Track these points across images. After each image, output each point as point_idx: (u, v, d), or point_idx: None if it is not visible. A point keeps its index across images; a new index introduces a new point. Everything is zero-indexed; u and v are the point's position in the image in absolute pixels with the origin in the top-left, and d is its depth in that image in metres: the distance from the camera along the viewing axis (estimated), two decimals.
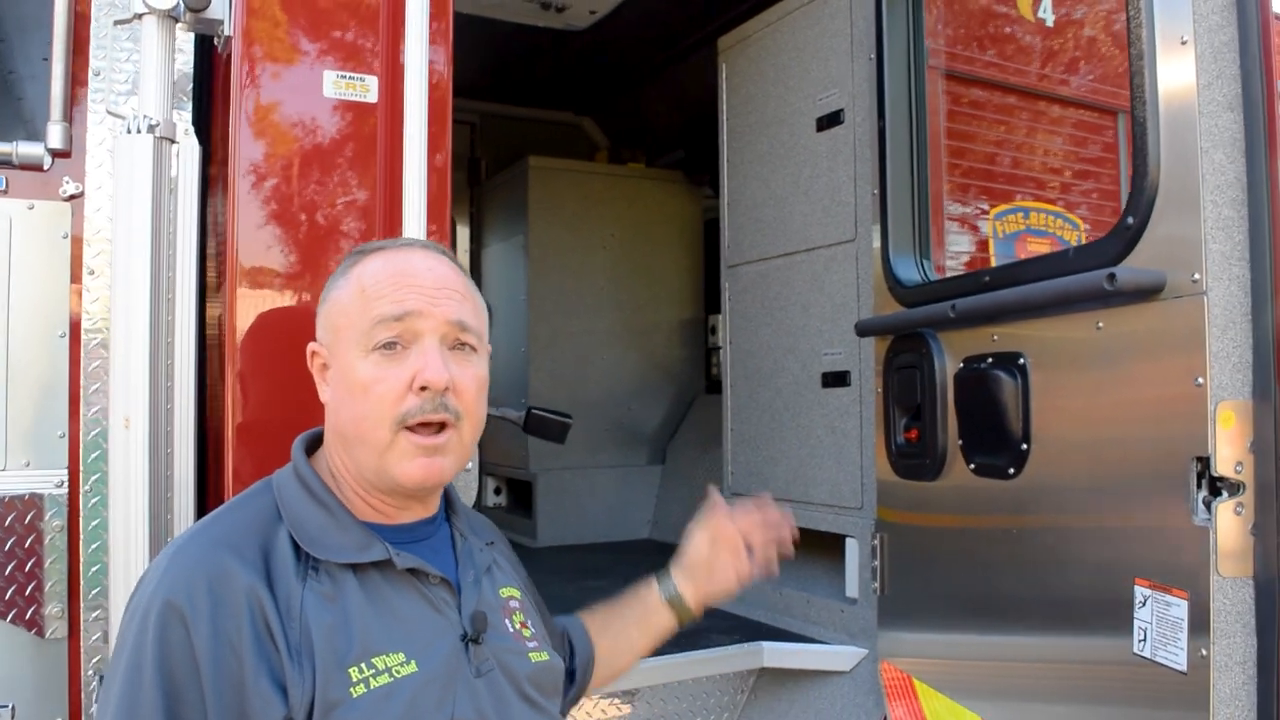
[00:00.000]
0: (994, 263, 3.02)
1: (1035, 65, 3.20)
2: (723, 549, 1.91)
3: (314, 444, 1.59)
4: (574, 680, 1.88)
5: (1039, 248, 3.08)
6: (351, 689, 1.33)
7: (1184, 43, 1.74)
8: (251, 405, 2.09)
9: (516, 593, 1.66)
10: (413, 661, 1.40)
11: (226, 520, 1.46)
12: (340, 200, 2.18)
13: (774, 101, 3.41)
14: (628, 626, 1.91)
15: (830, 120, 3.14)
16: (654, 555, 4.94)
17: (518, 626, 1.60)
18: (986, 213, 3.04)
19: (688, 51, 4.65)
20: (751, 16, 3.56)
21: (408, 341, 1.44)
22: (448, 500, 1.65)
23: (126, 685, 1.29)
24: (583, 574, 4.13)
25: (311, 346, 1.57)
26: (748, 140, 3.55)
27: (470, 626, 1.49)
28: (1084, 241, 3.22)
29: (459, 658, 1.46)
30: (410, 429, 1.43)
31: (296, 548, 1.41)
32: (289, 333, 2.13)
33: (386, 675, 1.37)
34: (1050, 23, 3.13)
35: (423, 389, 1.42)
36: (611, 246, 5.23)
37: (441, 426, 1.45)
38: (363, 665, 1.36)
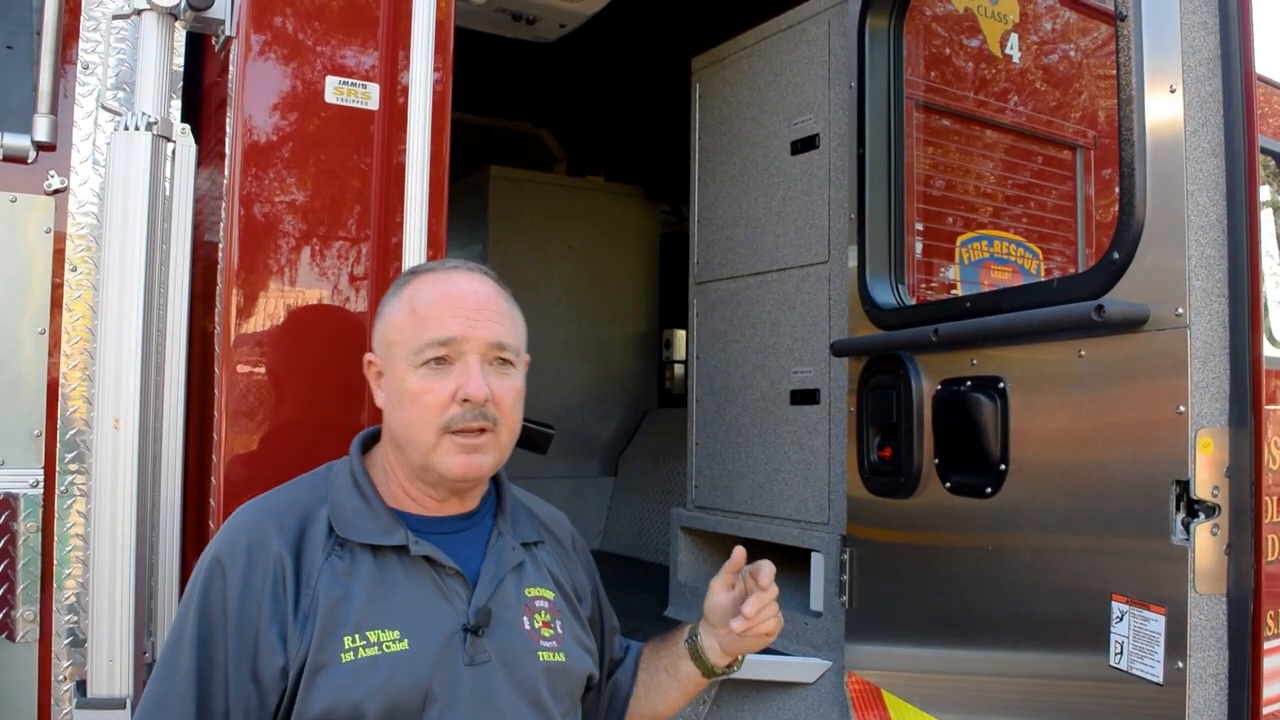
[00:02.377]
0: (960, 287, 3.13)
1: (1002, 100, 3.34)
2: (740, 597, 1.88)
3: (370, 440, 1.79)
4: (604, 693, 1.93)
5: (1001, 275, 3.20)
6: (342, 654, 1.51)
7: (1172, 91, 1.86)
8: (245, 407, 2.07)
9: (548, 594, 1.75)
10: (405, 640, 1.55)
11: (282, 495, 1.69)
12: (337, 204, 2.18)
13: (748, 123, 3.48)
14: (659, 671, 1.96)
15: (805, 144, 3.22)
16: (604, 566, 4.95)
17: (538, 625, 1.69)
18: (953, 239, 3.15)
19: (654, 69, 4.71)
20: (727, 39, 3.63)
21: (453, 359, 1.63)
22: (499, 500, 1.79)
23: (178, 621, 1.57)
24: None
25: (368, 357, 1.77)
26: (720, 160, 3.62)
27: (473, 619, 1.61)
28: (1043, 268, 3.36)
29: (454, 645, 1.58)
30: (453, 432, 1.61)
31: (331, 527, 1.61)
32: (285, 334, 2.13)
33: (376, 648, 1.53)
34: (1016, 60, 3.27)
35: (465, 401, 1.60)
36: (569, 258, 5.27)
37: (481, 430, 1.63)
38: (356, 635, 1.53)
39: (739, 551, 1.90)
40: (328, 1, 2.19)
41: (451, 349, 1.62)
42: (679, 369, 5.73)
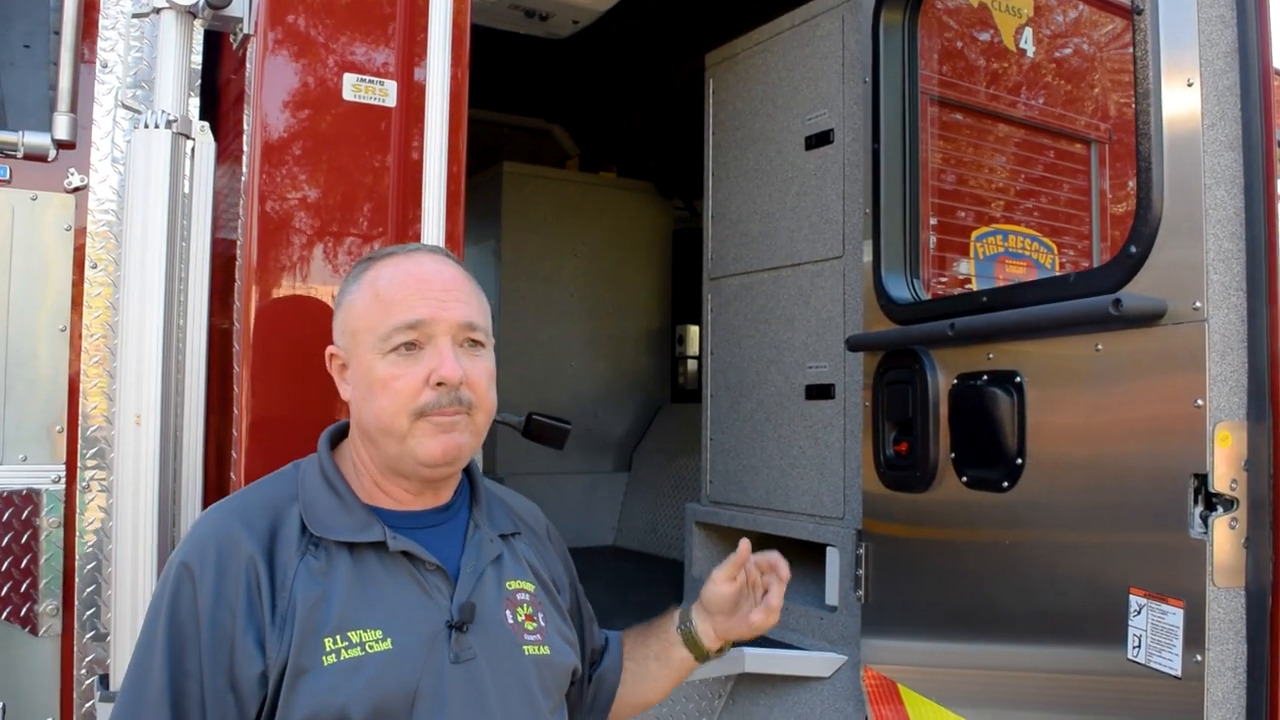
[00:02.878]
0: (975, 282, 3.13)
1: (1016, 94, 3.33)
2: (741, 588, 1.95)
3: (338, 435, 1.74)
4: (590, 685, 1.91)
5: (1016, 269, 3.20)
6: (324, 658, 1.46)
7: (1190, 85, 1.85)
8: (265, 403, 2.09)
9: (529, 586, 1.71)
10: (389, 639, 1.50)
11: (250, 495, 1.63)
12: (355, 201, 2.19)
13: (762, 119, 3.48)
14: (648, 659, 1.95)
15: (819, 140, 3.22)
16: (618, 561, 4.99)
17: (521, 619, 1.65)
18: (968, 234, 3.15)
19: (667, 65, 4.72)
20: (740, 34, 3.63)
21: (423, 342, 1.57)
22: (473, 492, 1.74)
23: (146, 632, 1.50)
24: None
25: (329, 350, 1.71)
26: (734, 155, 3.62)
27: (457, 614, 1.56)
28: (1057, 263, 3.36)
29: (439, 642, 1.54)
30: (426, 416, 1.56)
31: (304, 526, 1.55)
32: (304, 331, 2.14)
33: (359, 649, 1.48)
34: (1030, 54, 3.26)
35: (439, 384, 1.55)
36: (582, 254, 5.29)
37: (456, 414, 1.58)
38: (338, 637, 1.47)
39: (745, 544, 1.92)
40: None
41: (421, 332, 1.56)
42: (692, 364, 5.75)
